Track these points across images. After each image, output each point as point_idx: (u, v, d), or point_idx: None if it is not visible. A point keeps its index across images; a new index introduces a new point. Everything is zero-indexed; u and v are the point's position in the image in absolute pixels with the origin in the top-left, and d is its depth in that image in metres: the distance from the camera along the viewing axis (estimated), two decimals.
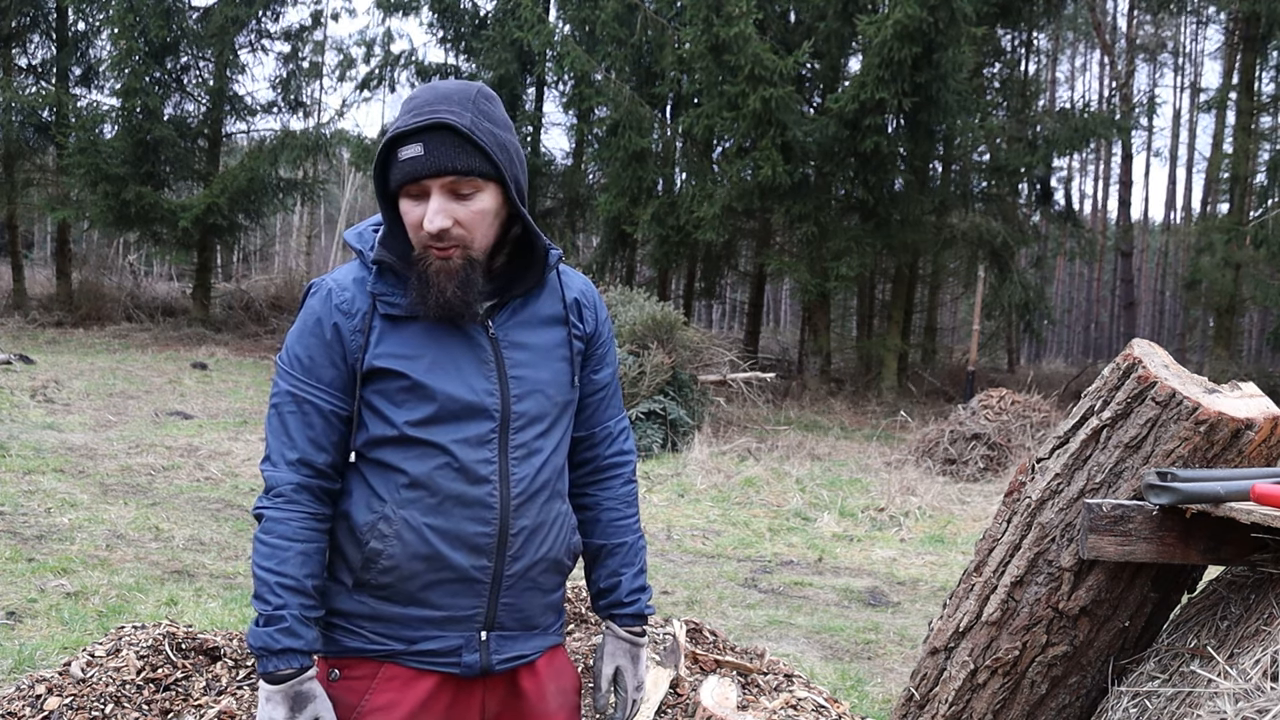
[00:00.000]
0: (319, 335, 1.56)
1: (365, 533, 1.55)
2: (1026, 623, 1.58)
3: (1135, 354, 1.58)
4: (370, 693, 1.56)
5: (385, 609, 1.57)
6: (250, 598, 1.50)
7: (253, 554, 1.53)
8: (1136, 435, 1.53)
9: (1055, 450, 1.62)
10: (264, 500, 1.55)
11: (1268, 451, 1.61)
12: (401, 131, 1.49)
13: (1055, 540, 1.57)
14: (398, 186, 1.52)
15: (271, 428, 1.58)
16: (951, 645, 1.66)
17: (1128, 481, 1.54)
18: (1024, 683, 1.60)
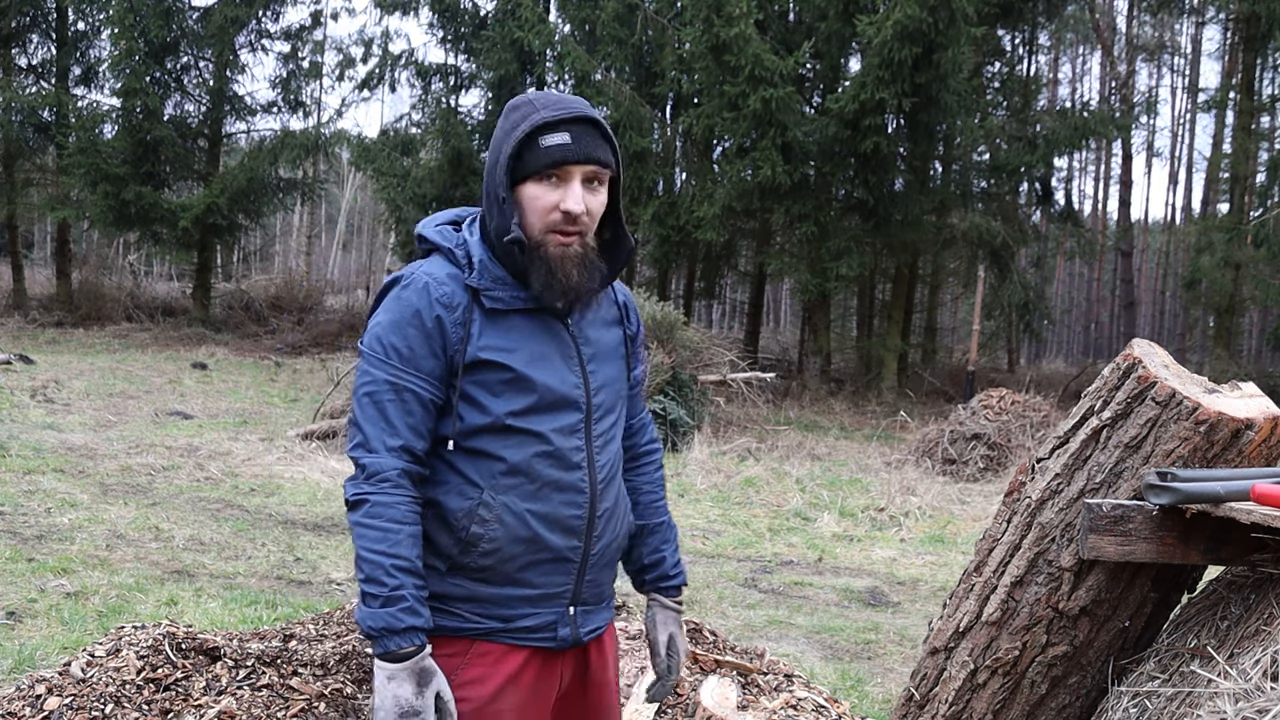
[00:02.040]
0: (419, 327, 1.61)
1: (462, 518, 1.62)
2: (1026, 623, 1.58)
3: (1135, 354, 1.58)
4: (462, 668, 1.64)
5: (482, 590, 1.64)
6: (360, 581, 1.55)
7: (357, 538, 1.57)
8: (1136, 435, 1.53)
9: (1055, 450, 1.62)
10: (365, 485, 1.58)
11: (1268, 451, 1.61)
12: (549, 121, 1.60)
13: (1055, 540, 1.57)
14: (537, 170, 1.60)
15: (368, 415, 1.61)
16: (951, 645, 1.66)
17: (1128, 481, 1.54)
18: (1024, 683, 1.60)
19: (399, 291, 1.65)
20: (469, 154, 18.19)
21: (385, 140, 19.80)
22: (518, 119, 1.63)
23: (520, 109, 1.65)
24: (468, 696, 1.62)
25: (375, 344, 1.63)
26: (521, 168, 1.62)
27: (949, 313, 25.77)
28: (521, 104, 1.66)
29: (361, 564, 1.55)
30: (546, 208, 1.61)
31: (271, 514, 6.58)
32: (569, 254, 1.62)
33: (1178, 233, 28.92)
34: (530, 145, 1.60)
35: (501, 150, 1.63)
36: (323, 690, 3.04)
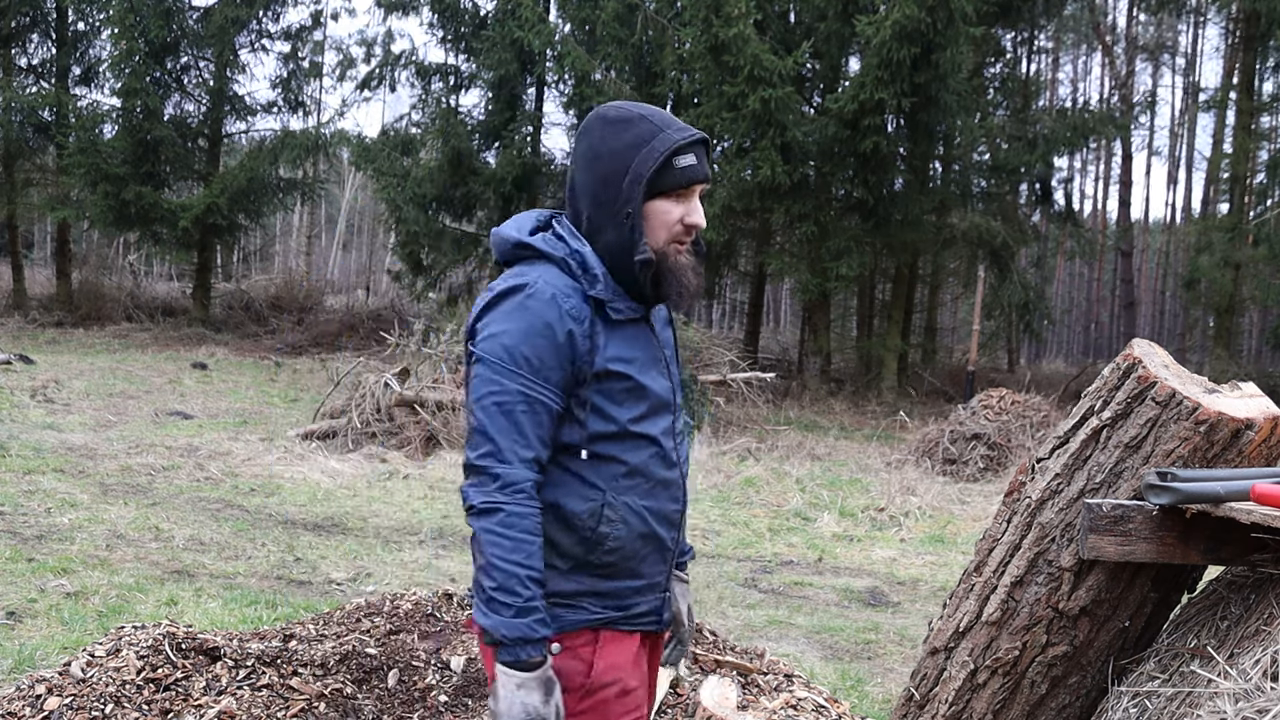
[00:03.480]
0: (550, 339, 1.64)
1: (588, 519, 1.70)
2: (1026, 623, 1.58)
3: (1135, 354, 1.58)
4: (597, 656, 1.73)
5: (603, 584, 1.73)
6: (488, 590, 1.58)
7: (487, 545, 1.60)
8: (1136, 435, 1.53)
9: (1055, 450, 1.62)
10: (499, 495, 1.61)
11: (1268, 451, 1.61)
12: (685, 143, 1.70)
13: (1055, 540, 1.57)
14: (670, 189, 1.71)
15: (499, 426, 1.63)
16: (951, 645, 1.66)
17: (1128, 481, 1.54)
18: (1024, 683, 1.60)
19: (523, 300, 1.66)
20: (469, 154, 18.18)
21: (385, 140, 19.79)
22: (643, 136, 1.70)
23: (639, 125, 1.71)
24: (616, 679, 1.73)
25: (504, 354, 1.64)
26: (654, 186, 1.69)
27: (949, 313, 25.76)
28: (637, 119, 1.72)
29: (492, 571, 1.59)
30: (672, 222, 1.72)
31: (271, 514, 6.58)
32: (686, 263, 1.75)
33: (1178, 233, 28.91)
34: (667, 166, 1.69)
35: (630, 167, 1.68)
36: (323, 690, 3.04)
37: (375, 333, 17.20)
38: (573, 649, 1.71)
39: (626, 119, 1.72)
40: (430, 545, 6.04)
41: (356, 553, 5.76)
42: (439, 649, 3.45)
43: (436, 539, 6.22)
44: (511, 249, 1.76)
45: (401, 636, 3.51)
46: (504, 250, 1.78)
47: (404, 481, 7.90)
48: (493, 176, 17.98)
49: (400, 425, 9.13)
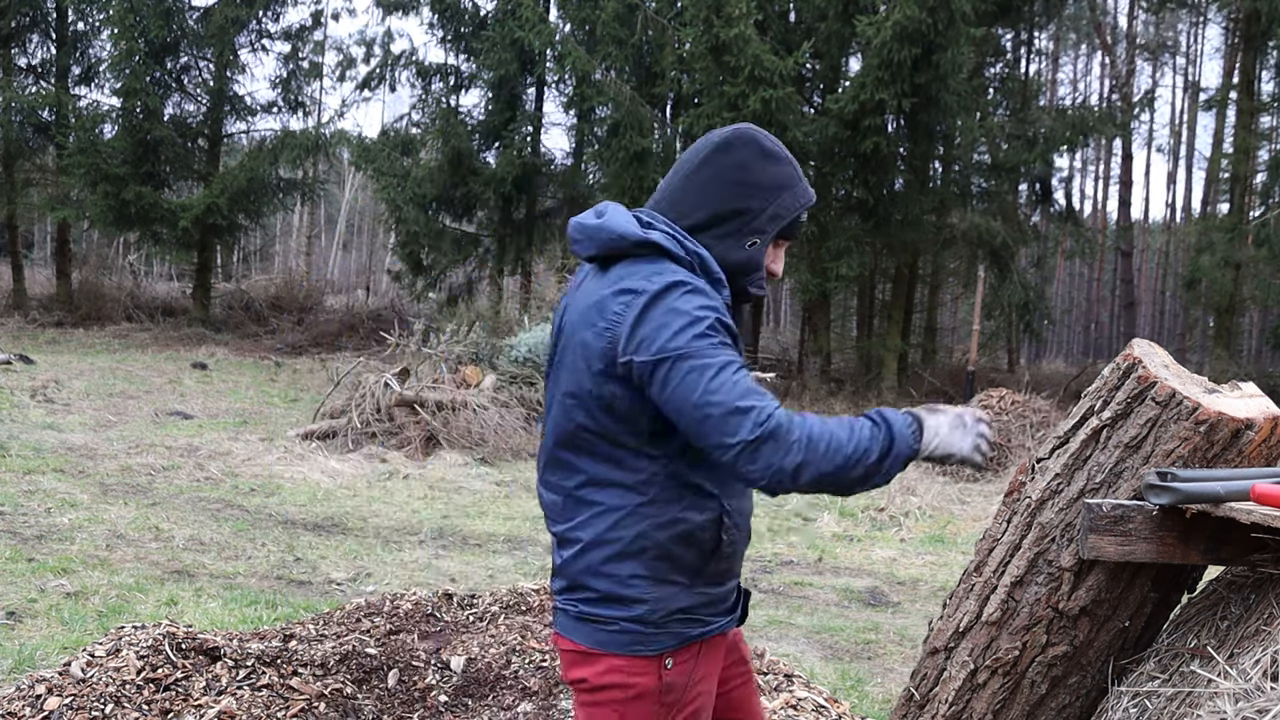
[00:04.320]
0: (726, 318, 1.64)
1: (710, 528, 1.67)
2: (1026, 623, 1.58)
3: (1135, 354, 1.58)
4: (694, 669, 1.71)
5: (714, 591, 1.73)
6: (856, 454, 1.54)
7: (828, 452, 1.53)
8: (1136, 435, 1.53)
9: (1055, 450, 1.62)
10: (793, 429, 1.53)
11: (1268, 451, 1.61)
12: (808, 205, 1.77)
13: (1055, 540, 1.57)
14: (785, 237, 1.78)
15: (748, 388, 1.55)
16: (951, 645, 1.66)
17: (1128, 481, 1.54)
18: (1024, 683, 1.60)
19: (691, 292, 1.61)
20: (469, 154, 18.18)
21: (385, 140, 19.79)
22: (790, 178, 1.75)
23: (788, 168, 1.75)
24: (703, 691, 1.72)
25: (713, 325, 1.58)
26: (784, 230, 1.75)
27: (949, 313, 25.75)
28: (784, 159, 1.76)
29: (844, 446, 1.53)
30: (769, 261, 1.77)
31: (271, 514, 6.58)
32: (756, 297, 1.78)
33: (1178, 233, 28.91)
34: (795, 223, 1.76)
35: (776, 203, 1.72)
36: (323, 690, 3.04)
37: (375, 333, 17.20)
38: (680, 664, 1.68)
39: (780, 157, 1.75)
40: (430, 545, 6.04)
41: (356, 553, 5.76)
42: (439, 649, 3.45)
43: (436, 539, 6.22)
44: (630, 244, 1.65)
45: (401, 636, 3.51)
46: (614, 243, 1.66)
47: (404, 481, 7.90)
48: (493, 176, 17.98)
49: (400, 425, 9.13)
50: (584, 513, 1.66)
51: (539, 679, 3.24)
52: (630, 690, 1.65)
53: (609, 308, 1.61)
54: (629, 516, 1.63)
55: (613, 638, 1.65)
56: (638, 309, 1.58)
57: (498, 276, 19.57)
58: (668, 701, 1.66)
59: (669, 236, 1.66)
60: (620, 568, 1.64)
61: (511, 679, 3.25)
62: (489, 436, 8.99)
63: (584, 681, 1.68)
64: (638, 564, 1.63)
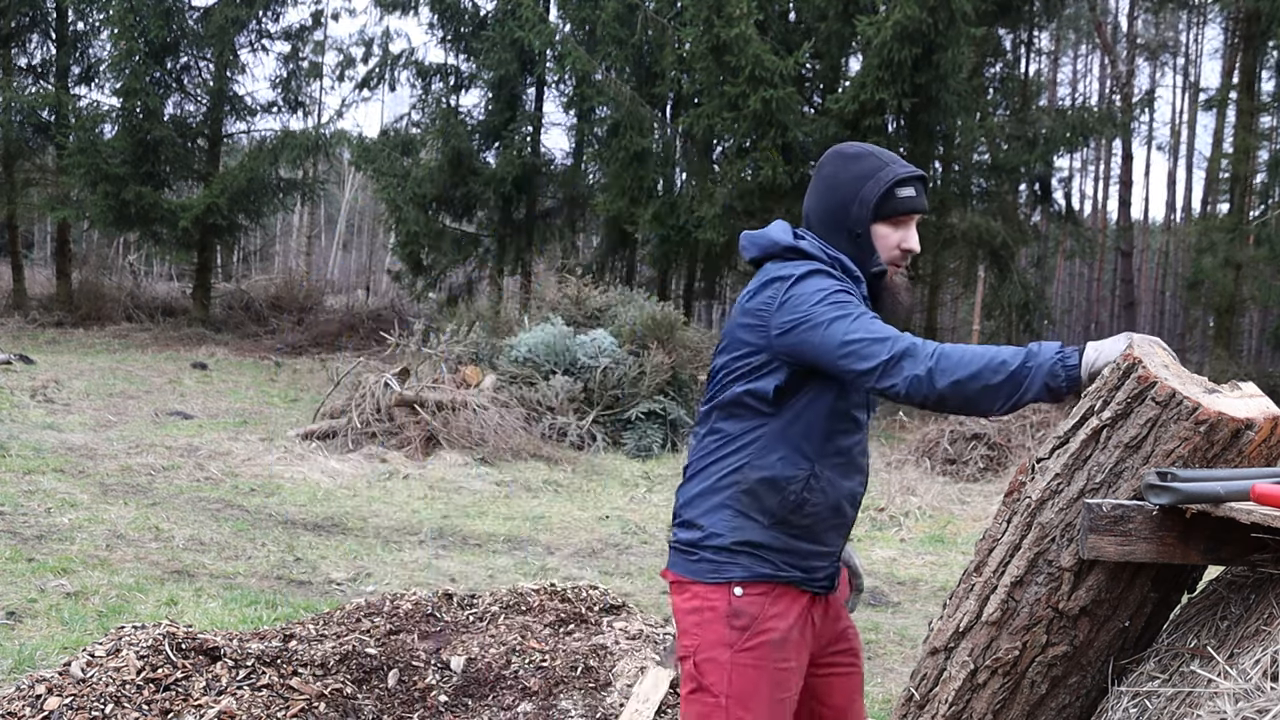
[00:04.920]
0: (848, 288, 1.92)
1: (795, 484, 1.93)
2: (1026, 623, 1.59)
3: (1135, 354, 1.58)
4: (768, 605, 1.95)
5: (796, 544, 1.97)
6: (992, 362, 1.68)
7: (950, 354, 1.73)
8: (1136, 435, 1.53)
9: (1055, 450, 1.63)
10: (916, 339, 1.78)
11: (1268, 451, 1.61)
12: (904, 177, 1.98)
13: (1055, 540, 1.57)
14: (891, 215, 1.98)
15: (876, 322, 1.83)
16: (951, 645, 1.67)
17: (1128, 481, 1.55)
18: (1024, 683, 1.60)
19: (824, 274, 1.92)
20: (469, 154, 18.18)
21: (385, 140, 19.79)
22: (870, 169, 1.99)
23: (869, 160, 2.00)
24: (775, 627, 1.94)
25: (846, 292, 1.88)
26: (878, 211, 1.98)
27: (949, 313, 25.75)
28: (865, 155, 2.01)
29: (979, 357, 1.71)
30: (891, 245, 2.00)
31: (271, 514, 6.58)
32: (900, 282, 2.03)
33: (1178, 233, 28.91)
34: (889, 195, 1.97)
35: (859, 194, 1.98)
36: (323, 690, 3.04)
37: (375, 333, 17.20)
38: (750, 596, 1.94)
39: (859, 155, 2.02)
40: (430, 545, 6.04)
41: (356, 553, 5.76)
42: (439, 649, 3.45)
43: (436, 539, 6.23)
44: (781, 249, 2.00)
45: (401, 636, 3.51)
46: (769, 248, 2.02)
47: (404, 481, 7.90)
48: (493, 176, 17.98)
49: (400, 425, 9.13)
50: (700, 452, 2.02)
51: (539, 679, 3.24)
52: (705, 614, 1.95)
53: (763, 293, 1.95)
54: (731, 455, 1.96)
55: (694, 567, 1.98)
56: (785, 288, 1.92)
57: (498, 276, 19.57)
58: (737, 626, 1.93)
59: (813, 243, 2.01)
60: (711, 499, 1.97)
61: (511, 679, 3.26)
62: (489, 436, 9.00)
63: (676, 608, 2.01)
64: (726, 495, 1.96)
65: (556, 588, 3.98)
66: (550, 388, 10.17)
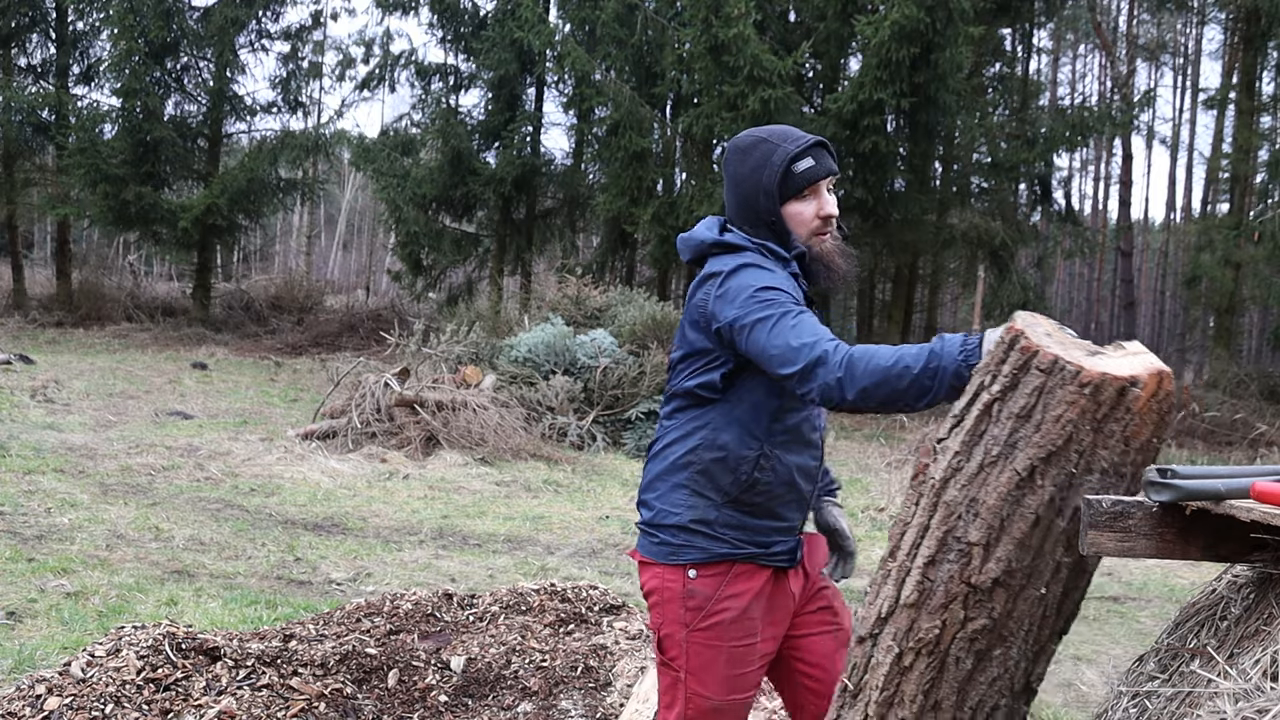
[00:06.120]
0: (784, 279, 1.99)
1: (745, 464, 2.01)
2: (943, 601, 1.60)
3: (1017, 326, 1.60)
4: (725, 585, 2.03)
5: (751, 521, 2.04)
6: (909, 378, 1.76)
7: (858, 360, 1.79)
8: (1026, 405, 1.55)
9: (953, 429, 1.64)
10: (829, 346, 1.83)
11: (1159, 406, 1.61)
12: (798, 151, 2.03)
13: (961, 517, 1.59)
14: (796, 192, 2.03)
15: (799, 326, 1.87)
16: (876, 632, 1.69)
17: (1023, 451, 1.56)
18: (949, 660, 1.62)
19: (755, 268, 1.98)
20: (469, 154, 18.18)
21: (385, 140, 19.79)
22: (763, 156, 2.04)
23: (760, 148, 2.05)
24: (730, 606, 2.02)
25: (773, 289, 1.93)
26: (783, 194, 2.03)
27: (949, 313, 25.76)
28: (757, 143, 2.06)
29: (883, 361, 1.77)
30: (808, 219, 2.05)
31: (271, 514, 6.58)
32: (831, 248, 2.06)
33: (1178, 232, 28.91)
34: (787, 175, 2.02)
35: (761, 183, 2.03)
36: (323, 690, 3.04)
37: (375, 333, 17.20)
38: (704, 577, 2.02)
39: (751, 145, 2.06)
40: (430, 545, 6.04)
41: (356, 553, 5.76)
42: (439, 649, 3.45)
43: (436, 539, 6.22)
44: (708, 246, 2.08)
45: (401, 636, 3.51)
46: (699, 247, 2.11)
47: (404, 481, 7.90)
48: (492, 176, 17.98)
49: (400, 425, 9.13)
50: (659, 436, 2.12)
51: (539, 679, 3.24)
52: (664, 593, 2.04)
53: (700, 290, 2.04)
54: (686, 439, 2.05)
55: (654, 548, 2.06)
56: (718, 284, 1.99)
57: (498, 276, 19.57)
58: (691, 606, 2.01)
59: (738, 235, 2.08)
60: (668, 480, 2.06)
61: (511, 679, 3.26)
62: (489, 436, 9.00)
63: (642, 585, 2.10)
64: (682, 476, 2.04)
65: (556, 588, 3.98)
66: (550, 388, 10.17)
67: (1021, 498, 1.56)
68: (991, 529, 1.56)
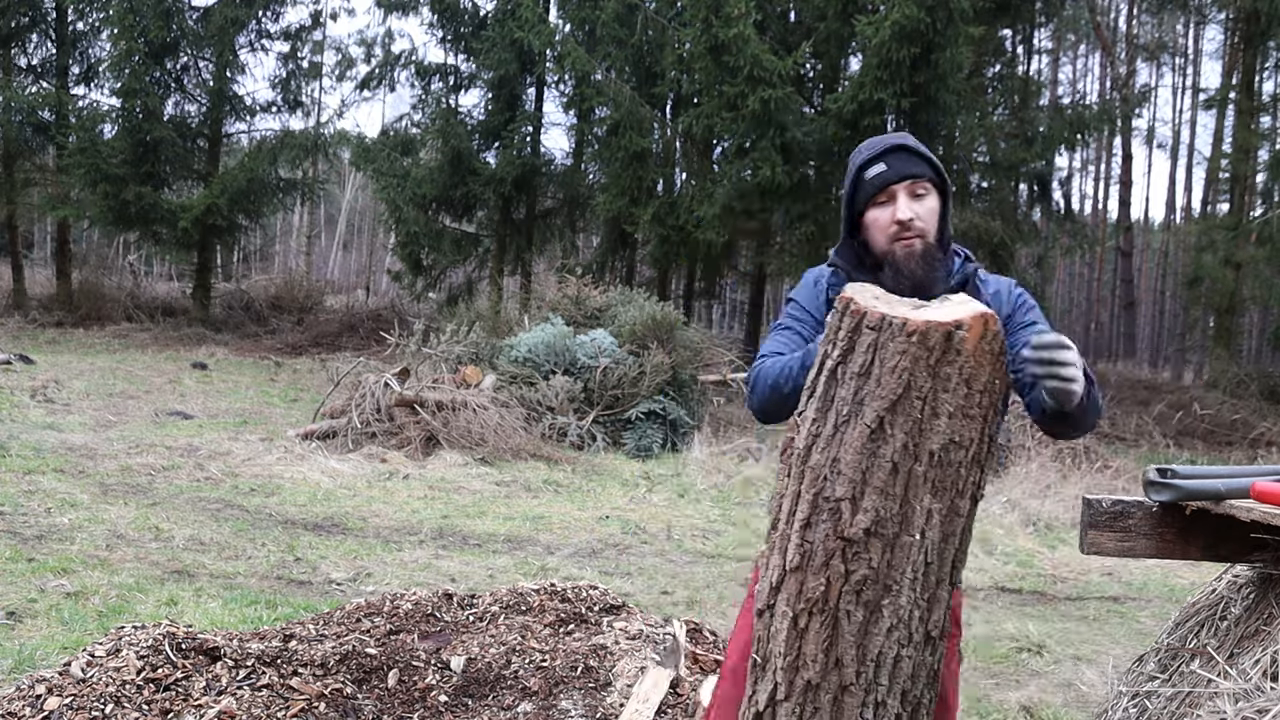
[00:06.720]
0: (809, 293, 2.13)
1: None
2: (824, 559, 1.70)
3: (847, 294, 1.74)
4: None
5: None
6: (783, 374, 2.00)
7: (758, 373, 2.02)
8: (864, 362, 1.68)
9: (808, 399, 1.76)
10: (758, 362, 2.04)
11: (989, 347, 1.70)
12: (869, 158, 2.03)
13: (826, 477, 1.69)
14: (866, 200, 2.04)
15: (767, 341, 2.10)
16: (771, 602, 1.78)
17: (869, 405, 1.67)
18: (840, 615, 1.70)
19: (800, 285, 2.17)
20: (469, 154, 18.18)
21: (385, 140, 19.79)
22: (848, 166, 2.09)
23: (849, 160, 2.10)
24: None
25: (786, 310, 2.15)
26: (858, 204, 2.06)
27: None
28: (851, 155, 2.11)
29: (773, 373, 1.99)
30: (884, 225, 2.03)
31: (271, 514, 6.58)
32: (912, 253, 2.01)
33: (1178, 232, 28.91)
34: (858, 184, 2.05)
35: (844, 194, 2.08)
36: (323, 690, 3.04)
37: (375, 333, 17.20)
38: None
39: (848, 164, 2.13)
40: (430, 545, 6.04)
41: (356, 553, 5.76)
42: (439, 649, 3.45)
43: (436, 539, 6.22)
44: None
45: (401, 636, 3.51)
46: None
47: (404, 481, 7.90)
48: (493, 176, 17.98)
49: (400, 425, 9.13)
50: None
51: (539, 679, 3.24)
52: None
53: None
54: None
55: None
56: None
57: (498, 276, 19.57)
58: None
59: (833, 252, 2.17)
60: None
61: (511, 679, 3.25)
62: (489, 436, 8.99)
63: None
64: None
65: (556, 588, 3.98)
66: (550, 388, 10.17)
67: (876, 449, 1.66)
68: (854, 483, 1.67)
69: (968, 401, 1.67)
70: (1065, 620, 5.39)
